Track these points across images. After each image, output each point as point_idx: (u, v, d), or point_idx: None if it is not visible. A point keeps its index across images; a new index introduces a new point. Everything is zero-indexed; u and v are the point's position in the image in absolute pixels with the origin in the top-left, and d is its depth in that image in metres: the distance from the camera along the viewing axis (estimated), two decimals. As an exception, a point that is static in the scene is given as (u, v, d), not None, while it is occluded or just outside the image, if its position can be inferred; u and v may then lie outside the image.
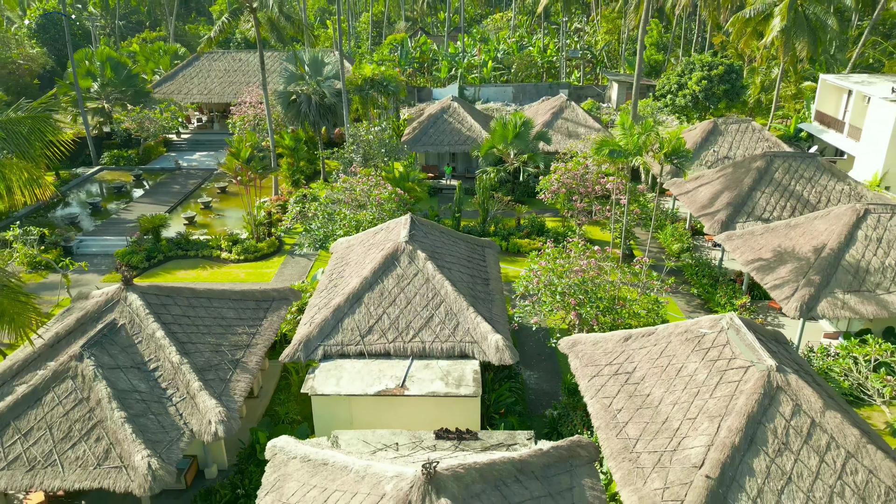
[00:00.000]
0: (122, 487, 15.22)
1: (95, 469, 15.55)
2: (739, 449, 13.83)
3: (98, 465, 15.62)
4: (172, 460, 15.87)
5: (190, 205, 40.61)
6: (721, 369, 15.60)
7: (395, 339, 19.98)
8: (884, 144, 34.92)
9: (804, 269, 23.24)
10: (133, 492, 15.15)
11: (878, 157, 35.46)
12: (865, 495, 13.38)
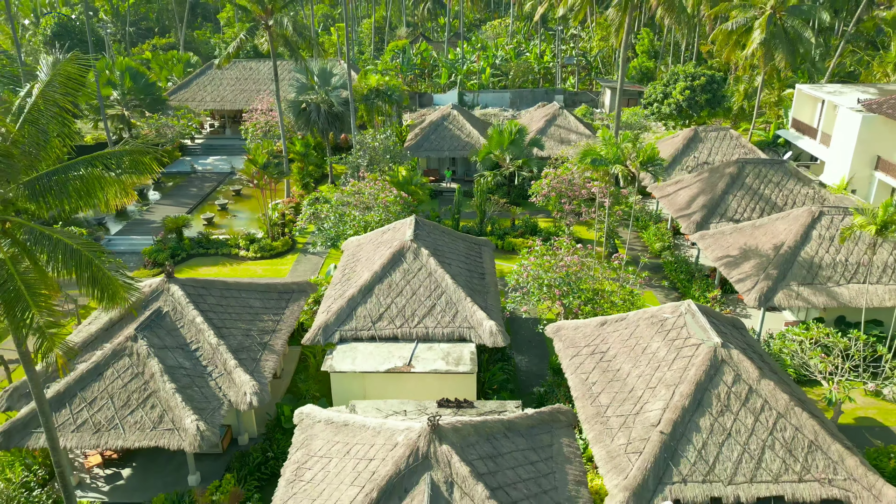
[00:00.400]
0: (175, 445, 18.15)
1: (152, 431, 18.49)
2: (689, 410, 16.77)
3: (154, 427, 18.55)
4: (215, 424, 18.80)
5: (207, 206, 43.53)
6: (678, 347, 18.54)
7: (402, 325, 22.92)
8: (850, 151, 37.88)
9: (764, 265, 26.18)
10: (184, 449, 18.08)
11: (844, 163, 38.41)
12: (791, 447, 16.32)
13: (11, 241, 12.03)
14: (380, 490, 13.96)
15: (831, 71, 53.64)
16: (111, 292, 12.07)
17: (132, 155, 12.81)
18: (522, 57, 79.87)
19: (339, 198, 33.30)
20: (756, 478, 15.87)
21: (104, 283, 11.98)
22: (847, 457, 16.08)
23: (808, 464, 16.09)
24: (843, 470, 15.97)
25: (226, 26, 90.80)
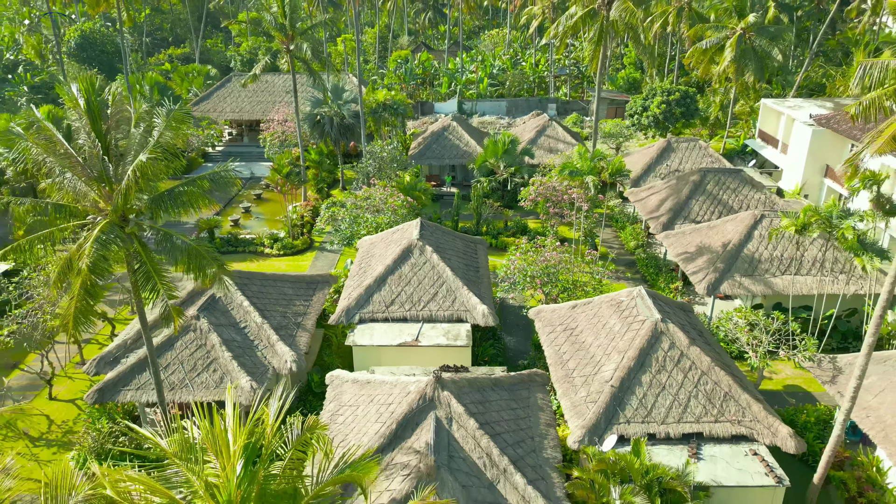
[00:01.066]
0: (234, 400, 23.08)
1: (215, 389, 23.48)
2: (634, 369, 21.76)
3: (216, 386, 23.54)
4: (263, 385, 23.77)
5: (232, 209, 48.50)
6: (629, 322, 23.51)
7: (411, 309, 27.91)
8: (803, 160, 42.82)
9: (714, 260, 31.16)
10: (242, 402, 23.07)
11: (799, 171, 43.36)
12: (711, 397, 21.29)
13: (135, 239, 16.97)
14: (398, 423, 18.93)
15: (799, 84, 58.57)
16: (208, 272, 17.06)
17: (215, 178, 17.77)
18: (519, 66, 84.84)
19: (354, 202, 38.26)
20: (682, 419, 20.84)
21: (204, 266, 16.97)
22: (753, 404, 21.04)
23: (723, 409, 21.05)
24: (750, 413, 20.92)
25: (237, 37, 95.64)
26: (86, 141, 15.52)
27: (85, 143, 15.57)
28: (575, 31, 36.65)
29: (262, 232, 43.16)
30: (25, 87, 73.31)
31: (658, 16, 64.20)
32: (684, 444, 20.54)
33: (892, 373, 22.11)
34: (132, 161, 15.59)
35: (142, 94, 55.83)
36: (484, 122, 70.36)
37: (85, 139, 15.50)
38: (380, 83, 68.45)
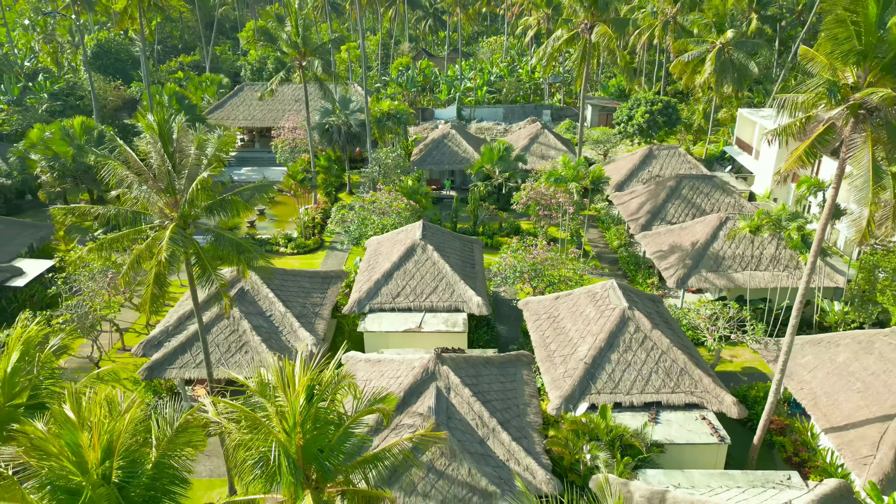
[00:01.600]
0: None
1: (247, 367, 27.35)
2: (604, 349, 25.65)
3: (248, 365, 27.40)
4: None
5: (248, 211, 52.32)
6: (602, 310, 27.41)
7: (414, 300, 31.79)
8: (771, 166, 46.69)
9: (684, 257, 35.05)
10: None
11: (768, 176, 47.25)
12: (669, 372, 25.18)
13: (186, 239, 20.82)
14: (405, 392, 22.81)
15: (774, 94, 62.39)
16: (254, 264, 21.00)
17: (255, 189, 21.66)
18: (515, 74, 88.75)
19: (361, 206, 42.14)
20: (644, 390, 24.73)
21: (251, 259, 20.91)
22: (704, 378, 24.93)
23: (679, 382, 24.94)
24: (701, 386, 24.81)
25: (246, 44, 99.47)
26: (156, 160, 19.37)
27: (155, 161, 19.43)
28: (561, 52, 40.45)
29: (276, 232, 47.01)
30: (45, 95, 77.03)
31: (645, 28, 68.21)
32: (645, 411, 24.43)
33: (824, 353, 26.00)
34: (194, 176, 19.48)
35: (160, 103, 59.65)
36: (482, 128, 74.14)
37: (156, 158, 19.36)
38: (384, 92, 72.30)
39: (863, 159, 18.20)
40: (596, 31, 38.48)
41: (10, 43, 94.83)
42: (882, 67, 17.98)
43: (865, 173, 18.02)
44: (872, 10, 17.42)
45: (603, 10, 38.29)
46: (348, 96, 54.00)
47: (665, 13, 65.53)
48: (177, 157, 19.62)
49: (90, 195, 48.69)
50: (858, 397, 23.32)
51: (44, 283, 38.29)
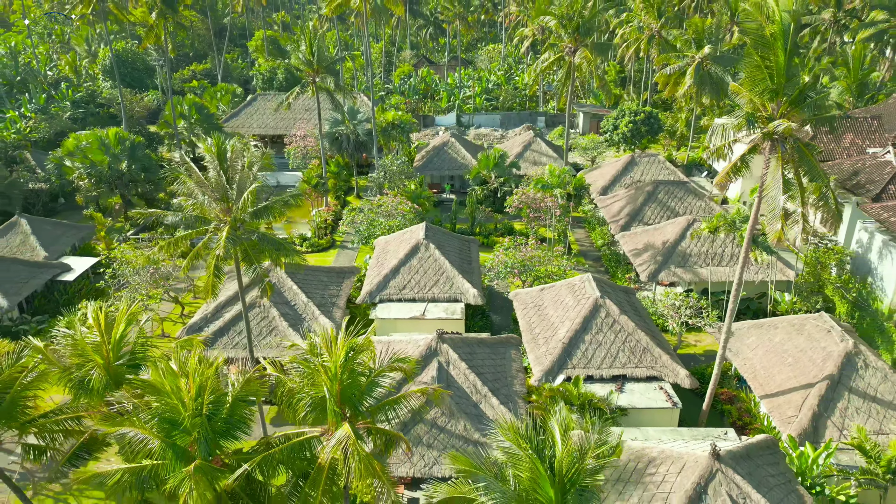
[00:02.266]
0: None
1: (276, 348, 32.10)
2: (579, 331, 30.41)
3: (277, 346, 32.16)
4: (311, 346, 32.33)
5: (264, 213, 57.04)
6: (578, 298, 32.16)
7: (418, 292, 36.54)
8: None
9: (655, 255, 39.80)
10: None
11: (738, 181, 51.96)
12: (633, 350, 29.92)
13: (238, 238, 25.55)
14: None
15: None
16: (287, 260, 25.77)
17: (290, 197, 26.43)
18: (512, 81, 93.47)
19: (370, 209, 46.89)
20: (612, 365, 29.46)
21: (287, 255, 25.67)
22: (663, 355, 29.67)
23: (641, 359, 29.68)
24: (660, 362, 29.54)
25: (255, 53, 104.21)
26: (213, 175, 24.12)
27: (212, 176, 24.18)
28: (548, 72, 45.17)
29: (291, 233, 51.73)
30: (68, 103, 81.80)
31: (632, 42, 72.90)
32: (612, 382, 29.18)
33: (764, 334, 30.75)
34: (243, 187, 24.25)
35: (182, 114, 64.42)
36: (480, 134, 78.78)
37: (213, 173, 24.11)
38: (389, 102, 76.93)
39: (775, 175, 22.95)
40: (578, 54, 43.24)
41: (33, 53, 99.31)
42: (790, 102, 22.73)
43: (777, 186, 22.77)
44: (781, 58, 22.17)
45: (585, 36, 42.97)
46: (356, 108, 58.71)
47: (650, 28, 70.21)
48: (229, 173, 24.34)
49: (122, 199, 53.36)
50: (789, 370, 28.07)
51: (89, 277, 43.10)
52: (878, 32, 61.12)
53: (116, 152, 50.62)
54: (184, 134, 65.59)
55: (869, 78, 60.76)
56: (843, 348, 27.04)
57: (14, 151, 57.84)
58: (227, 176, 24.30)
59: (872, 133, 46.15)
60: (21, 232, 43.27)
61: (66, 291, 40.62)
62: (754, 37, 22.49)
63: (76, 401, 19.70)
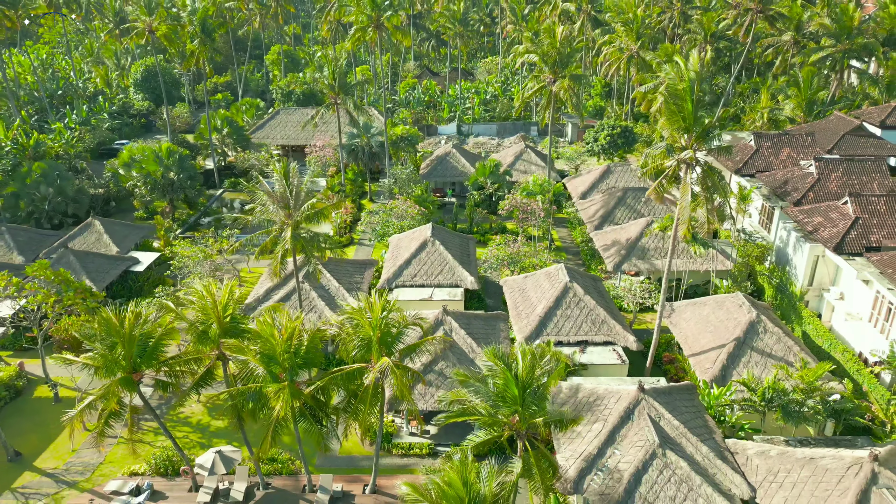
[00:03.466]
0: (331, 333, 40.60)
1: (316, 322, 40.92)
2: (552, 308, 39.28)
3: (317, 321, 40.99)
4: (343, 320, 41.19)
5: (290, 215, 65.85)
6: (553, 283, 41.02)
7: (427, 279, 45.39)
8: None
9: (620, 249, 48.62)
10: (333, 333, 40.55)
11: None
12: (594, 322, 38.78)
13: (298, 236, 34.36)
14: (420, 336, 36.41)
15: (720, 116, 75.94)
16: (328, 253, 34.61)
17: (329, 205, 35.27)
18: (508, 93, 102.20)
19: (384, 211, 55.71)
20: (577, 333, 38.29)
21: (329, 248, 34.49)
22: (617, 326, 38.49)
23: (600, 329, 38.50)
24: (615, 331, 38.37)
25: (271, 65, 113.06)
26: (279, 188, 32.95)
27: (278, 189, 33.01)
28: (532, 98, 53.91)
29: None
30: (106, 115, 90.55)
31: (613, 62, 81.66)
32: (577, 346, 38.00)
33: (697, 310, 39.55)
34: (299, 197, 33.11)
35: (215, 127, 73.24)
36: (478, 143, 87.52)
37: (279, 187, 32.93)
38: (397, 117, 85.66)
39: (683, 188, 31.78)
40: (557, 84, 51.93)
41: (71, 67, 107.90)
42: (697, 137, 31.56)
43: (687, 198, 31.57)
44: (689, 105, 31.02)
45: (562, 69, 51.63)
46: (370, 123, 67.56)
47: (630, 49, 78.96)
48: (291, 187, 33.22)
49: (169, 203, 62.13)
50: (710, 335, 36.90)
51: (153, 269, 51.99)
52: (824, 56, 69.86)
53: (168, 163, 59.46)
54: (216, 144, 74.54)
55: (816, 97, 69.48)
56: (748, 318, 35.91)
57: (75, 161, 66.66)
58: (290, 190, 33.19)
59: (806, 148, 54.96)
60: (95, 231, 52.08)
61: (138, 280, 49.47)
62: (671, 91, 31.34)
63: (196, 346, 28.53)
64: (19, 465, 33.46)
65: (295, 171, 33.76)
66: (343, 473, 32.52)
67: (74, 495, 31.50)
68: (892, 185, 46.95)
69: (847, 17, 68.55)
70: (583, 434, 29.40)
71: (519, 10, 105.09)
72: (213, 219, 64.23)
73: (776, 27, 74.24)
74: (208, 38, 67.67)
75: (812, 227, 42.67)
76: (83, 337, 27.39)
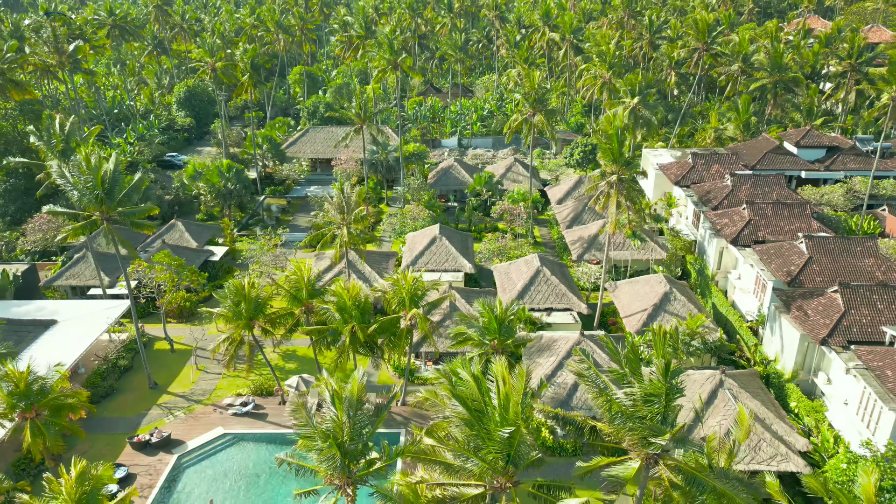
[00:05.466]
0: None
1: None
2: (528, 285, 54.54)
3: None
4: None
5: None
6: (529, 268, 56.24)
7: (436, 266, 60.62)
8: (652, 187, 75.29)
9: (583, 243, 63.80)
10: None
11: (650, 194, 75.83)
12: (558, 295, 54.02)
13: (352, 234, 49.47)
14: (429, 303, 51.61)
15: (678, 134, 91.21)
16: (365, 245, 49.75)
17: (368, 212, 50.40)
18: (503, 109, 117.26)
19: (401, 214, 70.81)
20: (544, 303, 53.44)
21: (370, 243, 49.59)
22: (574, 297, 53.67)
23: (561, 300, 53.68)
24: (573, 301, 53.52)
25: (293, 84, 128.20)
26: (337, 198, 48.05)
27: (336, 199, 48.10)
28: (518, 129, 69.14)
29: (346, 230, 75.61)
30: (157, 130, 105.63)
31: (590, 86, 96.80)
32: (545, 311, 53.14)
33: (631, 286, 54.64)
34: (353, 205, 48.22)
35: (256, 143, 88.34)
36: (476, 154, 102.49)
37: (336, 197, 48.03)
38: (409, 135, 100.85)
39: (613, 199, 46.90)
40: (536, 117, 66.89)
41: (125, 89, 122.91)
42: (621, 165, 46.71)
43: (615, 204, 46.69)
44: (616, 143, 46.21)
45: (540, 105, 66.61)
46: (387, 141, 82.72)
47: (603, 76, 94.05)
48: (346, 197, 48.36)
49: (227, 208, 77.18)
50: (638, 303, 52.02)
51: (223, 258, 67.21)
52: (760, 86, 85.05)
53: (228, 176, 74.64)
54: (258, 157, 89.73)
55: (751, 119, 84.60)
56: (664, 290, 51.08)
57: (148, 173, 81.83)
58: (346, 200, 48.38)
59: (731, 164, 70.06)
60: (178, 229, 67.21)
61: (214, 267, 64.62)
62: (604, 133, 46.42)
63: (289, 305, 43.63)
64: (158, 392, 48.64)
65: (352, 188, 48.89)
66: (380, 394, 47.72)
67: (201, 408, 46.68)
68: (787, 194, 62.03)
69: (778, 54, 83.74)
70: (542, 363, 44.61)
71: (511, 37, 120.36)
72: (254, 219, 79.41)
73: (720, 62, 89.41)
74: (255, 72, 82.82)
75: (720, 226, 57.79)
76: (220, 297, 42.58)
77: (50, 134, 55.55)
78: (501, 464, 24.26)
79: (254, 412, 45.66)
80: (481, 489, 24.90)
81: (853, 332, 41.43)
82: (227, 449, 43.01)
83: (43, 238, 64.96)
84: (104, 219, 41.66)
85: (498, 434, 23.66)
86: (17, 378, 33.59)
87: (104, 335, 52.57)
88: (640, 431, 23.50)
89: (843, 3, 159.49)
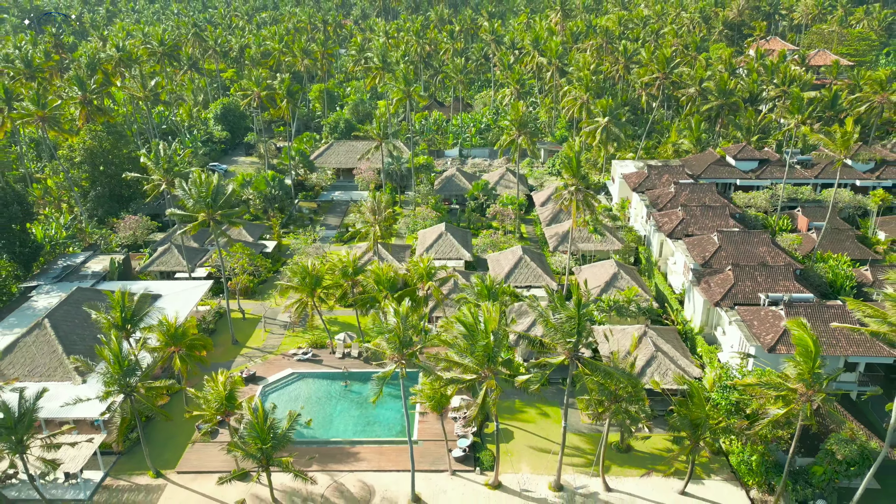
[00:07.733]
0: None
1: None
2: (512, 269, 71.94)
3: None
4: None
5: (348, 219, 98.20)
6: (514, 256, 73.56)
7: (442, 255, 77.97)
8: (617, 193, 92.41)
9: (559, 237, 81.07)
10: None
11: (616, 196, 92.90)
12: (536, 276, 71.39)
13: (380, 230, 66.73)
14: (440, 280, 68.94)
15: (644, 146, 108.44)
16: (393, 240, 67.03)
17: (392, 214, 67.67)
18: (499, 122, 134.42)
19: (413, 216, 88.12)
20: (525, 282, 70.70)
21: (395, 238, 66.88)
22: (546, 276, 70.92)
23: (538, 279, 70.92)
24: (546, 279, 70.76)
25: (314, 101, 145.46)
26: (370, 205, 65.22)
27: (369, 205, 65.29)
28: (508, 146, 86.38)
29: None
30: (200, 143, 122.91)
31: (570, 106, 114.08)
32: (525, 288, 70.41)
33: (592, 269, 71.86)
34: (381, 211, 65.43)
35: (290, 155, 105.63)
36: (475, 163, 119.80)
37: (370, 204, 65.20)
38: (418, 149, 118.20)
39: (573, 203, 64.08)
40: (521, 138, 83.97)
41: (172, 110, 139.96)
42: (578, 178, 63.95)
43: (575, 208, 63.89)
44: (575, 162, 63.47)
45: (524, 128, 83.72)
46: (400, 155, 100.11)
47: (581, 97, 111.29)
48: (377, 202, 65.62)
49: (270, 210, 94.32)
50: (595, 281, 69.19)
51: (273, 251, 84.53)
52: (710, 108, 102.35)
53: (273, 184, 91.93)
54: (293, 167, 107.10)
55: (702, 136, 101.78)
56: (613, 271, 68.32)
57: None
58: (378, 207, 65.68)
59: (679, 174, 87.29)
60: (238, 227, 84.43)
61: (269, 257, 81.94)
62: (565, 155, 63.60)
63: (339, 279, 60.85)
64: (238, 347, 65.93)
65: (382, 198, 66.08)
66: (404, 347, 64.88)
67: (273, 356, 63.99)
68: (715, 199, 79.19)
69: (723, 83, 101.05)
70: (520, 322, 61.96)
71: (506, 61, 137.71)
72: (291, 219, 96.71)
73: (679, 85, 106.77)
74: (291, 98, 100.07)
75: (661, 223, 75.03)
76: (291, 272, 59.90)
77: (158, 156, 72.74)
78: (485, 360, 41.48)
79: (312, 359, 63.00)
80: (474, 377, 42.19)
81: (738, 297, 58.69)
82: (295, 382, 60.35)
83: (132, 234, 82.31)
84: (210, 219, 58.86)
85: (481, 342, 40.87)
86: (169, 325, 50.91)
87: (195, 307, 69.92)
88: (563, 337, 40.77)
89: (809, 21, 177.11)
